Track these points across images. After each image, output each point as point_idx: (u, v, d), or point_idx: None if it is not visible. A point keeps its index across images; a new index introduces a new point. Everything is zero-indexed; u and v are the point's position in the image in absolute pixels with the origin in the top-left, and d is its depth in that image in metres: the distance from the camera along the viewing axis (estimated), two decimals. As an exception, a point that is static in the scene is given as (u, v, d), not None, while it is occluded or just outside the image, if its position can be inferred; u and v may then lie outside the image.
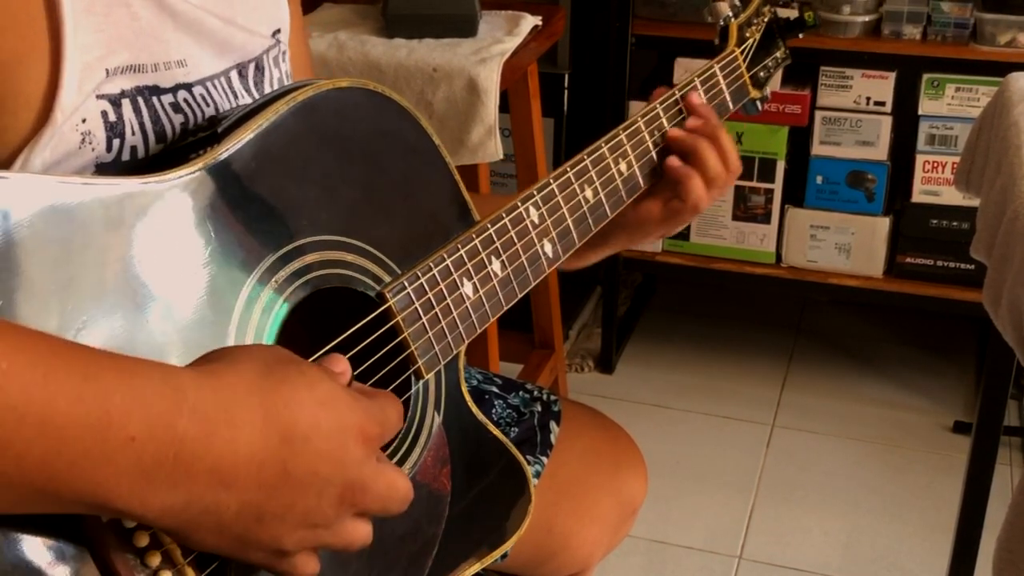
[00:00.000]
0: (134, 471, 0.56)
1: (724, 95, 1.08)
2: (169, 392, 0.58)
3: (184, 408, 0.57)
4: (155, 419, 0.56)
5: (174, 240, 0.66)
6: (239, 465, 0.59)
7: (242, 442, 0.59)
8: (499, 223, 0.84)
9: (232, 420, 0.59)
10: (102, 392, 0.55)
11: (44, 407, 0.54)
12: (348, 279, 0.75)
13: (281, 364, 0.63)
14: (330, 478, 0.63)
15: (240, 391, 0.60)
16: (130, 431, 0.55)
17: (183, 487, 0.58)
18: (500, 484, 0.88)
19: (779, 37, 1.17)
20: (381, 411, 0.67)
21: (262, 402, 0.60)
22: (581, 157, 0.93)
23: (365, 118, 0.77)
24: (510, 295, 0.85)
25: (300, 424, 0.61)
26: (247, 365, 0.62)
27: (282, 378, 0.62)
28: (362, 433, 0.65)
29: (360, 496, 0.65)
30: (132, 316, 0.63)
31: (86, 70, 0.68)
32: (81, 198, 0.62)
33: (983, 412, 1.54)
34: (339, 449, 0.63)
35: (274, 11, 0.88)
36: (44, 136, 0.66)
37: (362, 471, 0.64)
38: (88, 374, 0.55)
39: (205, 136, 0.72)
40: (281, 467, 0.61)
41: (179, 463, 0.57)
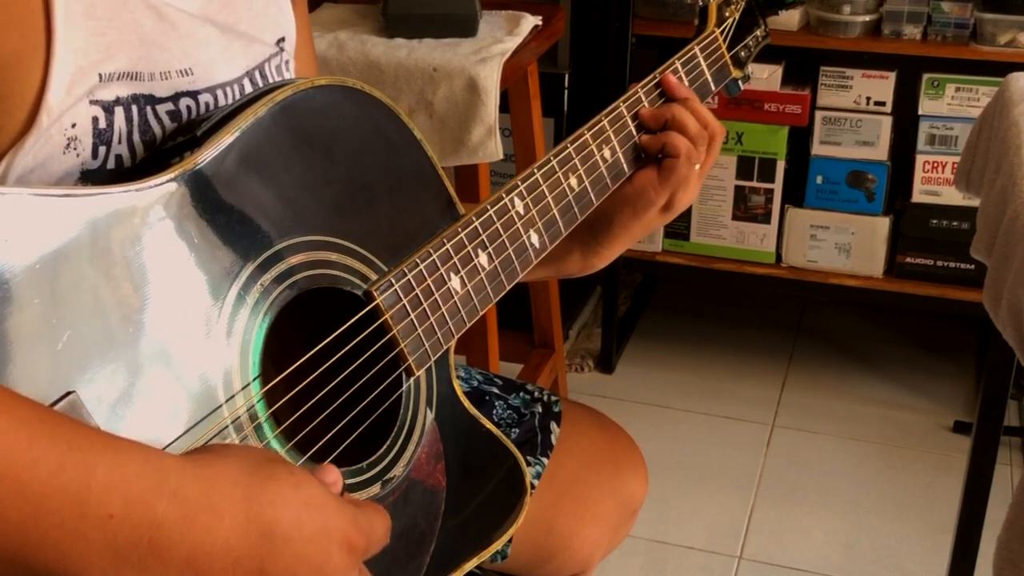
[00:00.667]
0: (107, 550, 0.54)
1: (705, 76, 1.08)
2: (152, 473, 0.56)
3: (165, 491, 0.56)
4: (135, 499, 0.55)
5: (157, 249, 0.65)
6: (215, 557, 0.57)
7: (220, 533, 0.57)
8: (484, 215, 0.84)
9: (213, 509, 0.57)
10: (85, 464, 0.54)
11: (25, 472, 0.52)
12: (334, 279, 0.75)
13: (270, 463, 0.62)
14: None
15: (225, 482, 0.59)
16: (109, 508, 0.54)
17: (155, 571, 0.56)
18: (496, 478, 0.88)
19: (759, 15, 1.17)
20: (368, 521, 0.65)
21: (246, 496, 0.59)
22: (564, 145, 0.93)
23: (345, 116, 0.77)
24: (498, 288, 0.85)
25: (282, 523, 0.59)
26: (235, 459, 0.61)
27: (269, 475, 0.60)
28: (346, 540, 0.63)
29: None
30: (117, 329, 0.62)
31: (78, 73, 0.67)
32: (60, 211, 0.61)
33: (983, 412, 1.54)
34: (321, 554, 0.61)
35: (278, 19, 0.88)
36: (29, 139, 0.65)
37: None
38: (73, 445, 0.54)
39: (185, 140, 0.71)
40: (258, 566, 0.59)
41: (154, 547, 0.55)
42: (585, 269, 1.03)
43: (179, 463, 0.58)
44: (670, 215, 1.01)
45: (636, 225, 1.00)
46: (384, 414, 0.79)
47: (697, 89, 1.06)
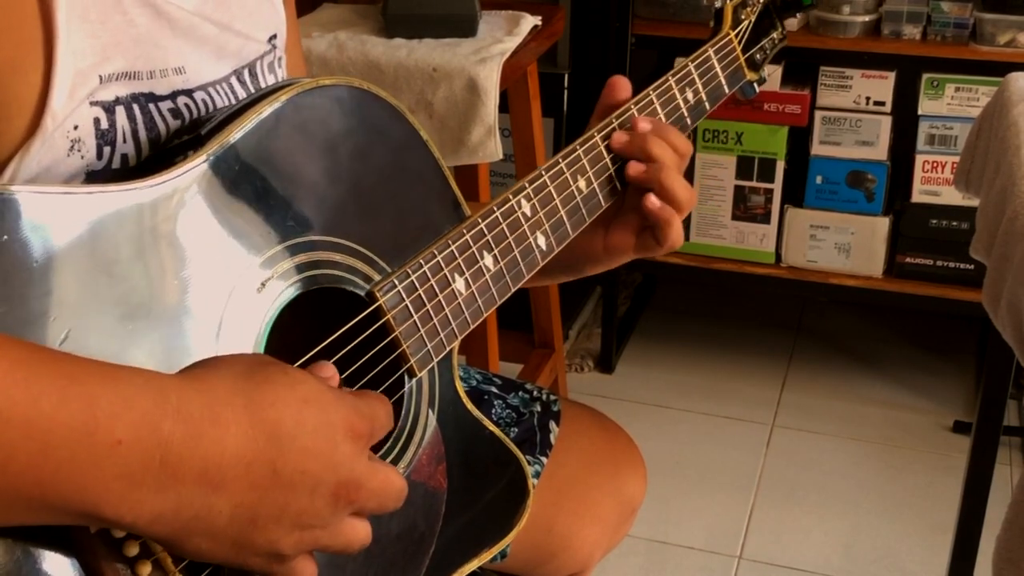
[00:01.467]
0: (121, 476, 0.55)
1: (719, 78, 1.07)
2: (153, 395, 0.57)
3: (168, 410, 0.57)
4: (140, 422, 0.56)
5: (157, 248, 0.65)
6: (226, 466, 0.58)
7: (228, 442, 0.58)
8: (490, 217, 0.84)
9: (217, 420, 0.58)
10: (87, 395, 0.55)
11: (28, 409, 0.53)
12: (337, 279, 0.75)
13: (263, 366, 0.63)
14: (321, 476, 0.62)
15: (223, 392, 0.60)
16: (116, 434, 0.55)
17: (172, 490, 0.57)
18: (497, 480, 0.88)
19: (776, 17, 1.16)
20: (369, 408, 0.66)
21: (246, 402, 0.60)
22: (573, 147, 0.92)
23: (350, 116, 0.76)
24: (503, 289, 0.85)
25: (285, 422, 0.61)
26: (229, 369, 0.62)
27: (264, 378, 0.61)
28: (350, 429, 0.64)
29: (355, 494, 0.64)
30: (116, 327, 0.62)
31: (79, 76, 0.67)
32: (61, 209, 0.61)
33: (983, 412, 1.54)
34: (327, 445, 0.62)
35: (271, 16, 0.88)
36: (35, 143, 0.66)
37: (354, 468, 0.64)
38: (72, 378, 0.55)
39: (189, 139, 0.71)
40: (270, 466, 0.60)
41: (166, 466, 0.56)
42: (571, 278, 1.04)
43: (177, 381, 0.59)
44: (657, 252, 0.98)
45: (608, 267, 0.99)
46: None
47: (710, 92, 1.05)
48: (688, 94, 1.02)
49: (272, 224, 0.71)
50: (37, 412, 0.53)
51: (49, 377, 0.54)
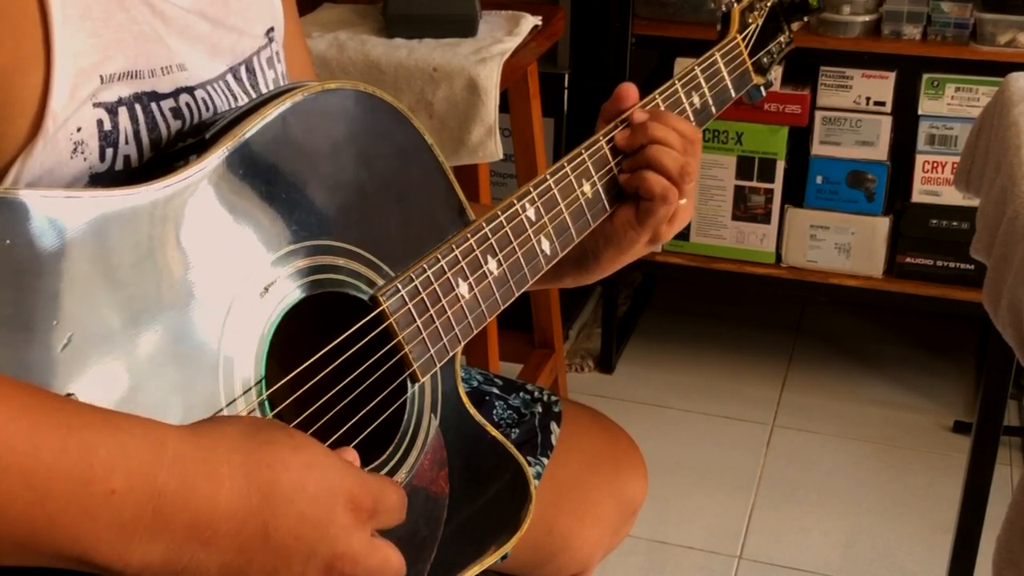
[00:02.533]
0: (113, 525, 0.55)
1: (725, 82, 1.07)
2: (151, 445, 0.57)
3: (164, 461, 0.57)
4: (136, 472, 0.56)
5: (161, 252, 0.65)
6: (218, 522, 0.58)
7: (222, 498, 0.58)
8: (494, 221, 0.84)
9: (212, 475, 0.58)
10: (86, 445, 0.55)
11: (28, 459, 0.53)
12: (341, 284, 0.75)
13: (268, 428, 0.62)
14: (315, 546, 0.61)
15: (223, 448, 0.59)
16: (112, 484, 0.55)
17: (162, 541, 0.56)
18: (500, 485, 0.88)
19: (783, 21, 1.16)
20: (378, 485, 0.65)
21: (245, 460, 0.59)
22: (579, 152, 0.92)
23: (355, 120, 0.76)
24: (507, 294, 0.85)
25: (283, 484, 0.60)
26: (233, 426, 0.61)
27: (268, 439, 0.61)
28: (352, 501, 0.63)
29: (350, 569, 0.62)
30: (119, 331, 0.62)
31: (80, 76, 0.67)
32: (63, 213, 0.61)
33: (983, 412, 1.54)
34: (326, 515, 0.61)
35: (267, 9, 0.87)
36: (37, 145, 0.65)
37: (350, 542, 0.62)
38: (73, 426, 0.55)
39: (193, 143, 0.71)
40: (262, 529, 0.59)
41: (158, 516, 0.56)
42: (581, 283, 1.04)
43: (177, 433, 0.59)
44: (658, 244, 0.99)
45: (623, 258, 0.99)
46: (388, 419, 0.78)
47: (716, 96, 1.05)
48: (694, 98, 1.02)
49: (276, 228, 0.71)
50: (37, 462, 0.53)
51: (50, 426, 0.54)
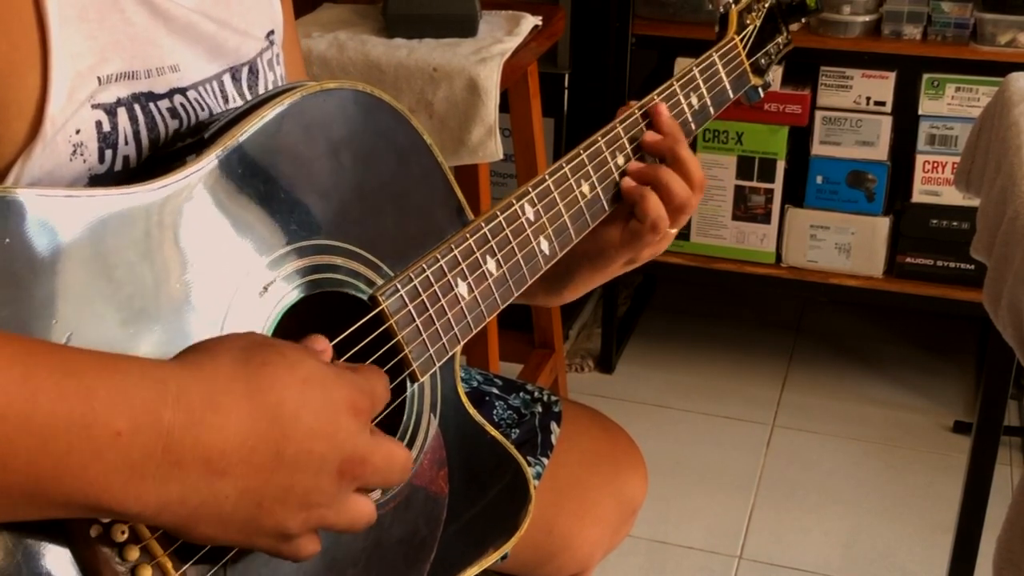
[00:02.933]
0: (123, 466, 0.55)
1: (724, 83, 1.07)
2: (151, 384, 0.57)
3: (168, 399, 0.57)
4: (140, 412, 0.56)
5: (159, 253, 0.65)
6: (230, 451, 0.58)
7: (230, 428, 0.58)
8: (494, 221, 0.84)
9: (217, 406, 0.58)
10: (84, 388, 0.55)
11: (25, 405, 0.53)
12: (340, 283, 0.75)
13: (260, 347, 0.63)
14: (326, 455, 0.62)
15: (222, 378, 0.60)
16: (116, 426, 0.55)
17: (176, 479, 0.57)
18: (499, 485, 0.88)
19: (781, 22, 1.16)
20: (368, 383, 0.66)
21: (246, 387, 0.60)
22: (577, 152, 0.92)
23: (354, 120, 0.76)
24: (506, 294, 0.85)
25: (287, 404, 0.61)
26: (226, 353, 0.61)
27: (263, 361, 0.61)
28: (352, 406, 0.64)
29: (359, 469, 0.64)
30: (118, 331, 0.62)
31: (77, 78, 0.67)
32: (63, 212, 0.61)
33: (983, 412, 1.54)
34: (331, 424, 0.62)
35: (268, 12, 0.87)
36: (36, 148, 0.65)
37: (357, 444, 0.64)
38: (68, 371, 0.55)
39: (192, 142, 0.71)
40: (274, 448, 0.60)
41: (169, 454, 0.56)
42: (549, 304, 1.04)
43: (175, 370, 0.59)
44: (634, 266, 0.99)
45: (596, 277, 0.99)
46: (387, 419, 0.78)
47: (714, 97, 1.05)
48: (693, 99, 1.02)
49: (275, 228, 0.71)
50: (35, 407, 0.53)
51: (46, 371, 0.54)
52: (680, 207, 0.94)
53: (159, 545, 0.62)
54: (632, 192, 0.94)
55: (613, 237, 0.96)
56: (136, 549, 0.61)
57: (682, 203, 0.93)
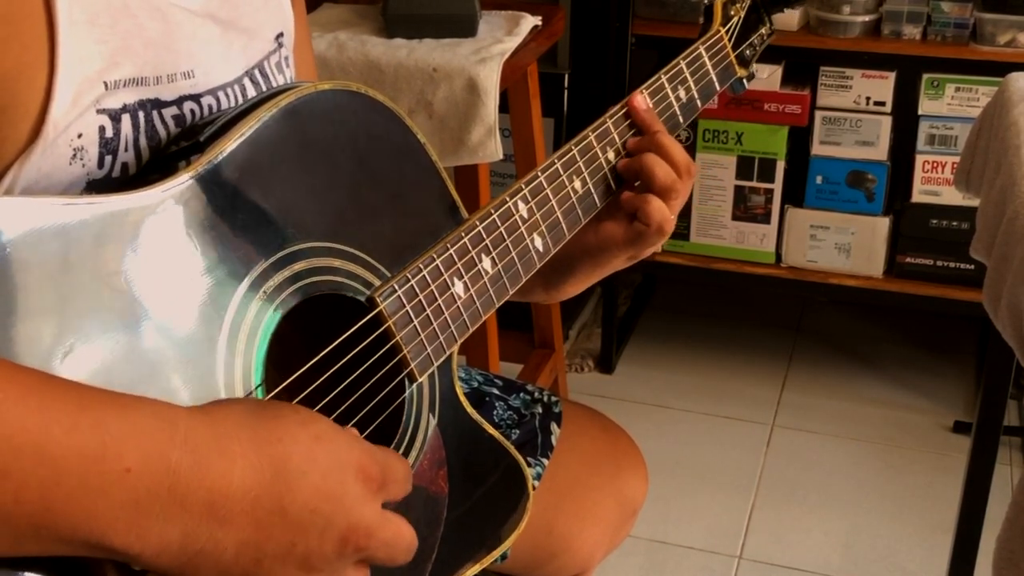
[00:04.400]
0: (129, 503, 0.55)
1: (710, 75, 1.07)
2: (162, 424, 0.57)
3: (177, 440, 0.57)
4: (149, 450, 0.56)
5: (158, 256, 0.65)
6: (233, 499, 0.58)
7: (235, 475, 0.58)
8: (488, 220, 0.84)
9: (224, 453, 0.58)
10: (97, 422, 0.55)
11: (40, 436, 0.53)
12: (338, 285, 0.75)
13: (274, 404, 0.63)
14: (331, 518, 0.61)
15: (231, 425, 0.59)
16: (125, 462, 0.55)
17: (178, 521, 0.56)
18: (498, 483, 0.88)
19: (764, 12, 1.17)
20: (384, 456, 0.66)
21: (254, 435, 0.59)
22: (569, 148, 0.92)
23: (349, 120, 0.76)
24: (501, 292, 0.85)
25: (294, 458, 0.60)
26: (239, 404, 0.62)
27: (274, 415, 0.61)
28: (362, 471, 0.63)
29: (364, 540, 0.63)
30: (121, 336, 0.62)
31: (84, 83, 0.66)
32: (63, 219, 0.61)
33: (983, 412, 1.54)
34: (338, 487, 0.61)
35: (277, 14, 0.87)
36: (36, 151, 0.65)
37: (364, 513, 0.63)
38: (82, 404, 0.55)
39: (188, 145, 0.71)
40: (277, 503, 0.59)
41: (173, 495, 0.56)
42: (548, 300, 1.04)
43: (186, 412, 0.59)
44: (634, 262, 0.99)
45: (597, 272, 1.00)
46: (387, 420, 0.78)
47: (701, 90, 1.05)
48: (680, 92, 1.03)
49: (271, 231, 0.71)
50: (49, 439, 0.53)
51: (60, 404, 0.54)
52: (665, 191, 0.94)
53: None
54: (633, 200, 0.95)
55: (616, 234, 0.96)
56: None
57: (667, 187, 0.94)
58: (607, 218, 0.96)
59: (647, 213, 0.94)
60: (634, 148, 0.96)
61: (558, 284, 1.01)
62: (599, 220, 0.96)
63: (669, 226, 0.94)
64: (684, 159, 0.95)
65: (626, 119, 0.97)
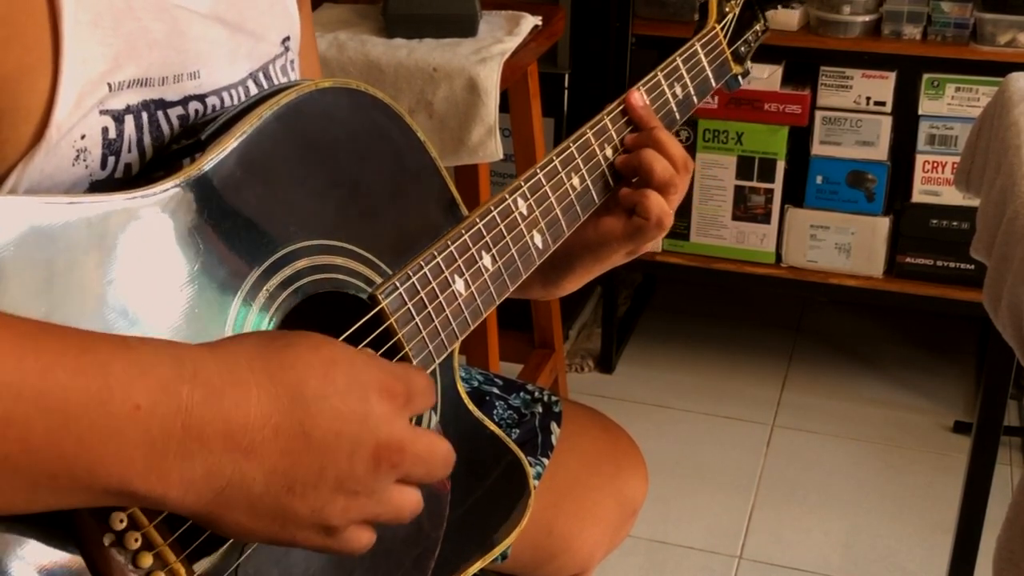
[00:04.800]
0: (143, 442, 0.54)
1: (706, 72, 1.08)
2: (167, 360, 0.56)
3: (185, 375, 0.56)
4: (157, 386, 0.55)
5: (162, 254, 0.65)
6: (252, 428, 0.57)
7: (251, 403, 0.57)
8: (488, 217, 0.84)
9: (237, 383, 0.57)
10: (100, 363, 0.54)
11: (41, 380, 0.52)
12: (340, 283, 0.75)
13: (284, 334, 0.62)
14: (358, 437, 0.60)
15: (242, 356, 0.58)
16: (134, 399, 0.54)
17: (199, 456, 0.55)
18: (499, 481, 0.88)
19: (758, 9, 1.17)
20: (405, 372, 0.64)
21: (266, 365, 0.58)
22: (567, 145, 0.93)
23: (349, 119, 0.77)
24: (501, 289, 0.85)
25: (310, 382, 0.59)
26: (247, 337, 0.61)
27: (286, 343, 0.60)
28: (385, 389, 0.62)
29: (397, 456, 0.61)
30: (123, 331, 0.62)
31: (88, 85, 0.66)
32: (65, 218, 0.61)
33: (983, 412, 1.54)
34: (361, 405, 0.60)
35: (284, 18, 0.87)
36: (39, 153, 0.65)
37: (393, 429, 0.61)
38: (83, 347, 0.54)
39: (189, 144, 0.71)
40: (299, 429, 0.58)
41: (188, 430, 0.55)
42: (547, 297, 1.04)
43: (193, 348, 0.58)
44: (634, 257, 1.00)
45: (596, 267, 1.00)
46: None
47: (698, 86, 1.06)
48: (677, 89, 1.03)
49: (273, 229, 0.71)
50: (52, 383, 0.52)
51: (60, 347, 0.53)
52: (663, 185, 0.94)
53: (171, 551, 0.61)
54: (632, 195, 0.95)
55: (615, 229, 0.97)
56: (149, 556, 0.60)
57: (665, 182, 0.94)
58: (606, 214, 0.97)
59: (646, 207, 0.94)
60: (632, 144, 0.97)
61: (557, 280, 1.01)
62: (598, 216, 0.96)
63: (668, 220, 0.95)
64: (681, 154, 0.96)
65: (623, 116, 0.98)
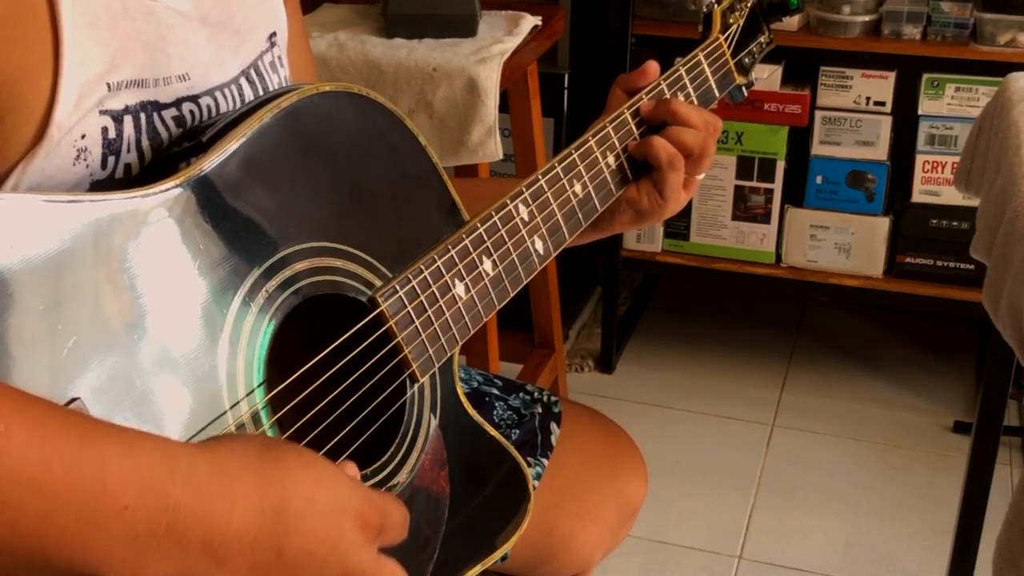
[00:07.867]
0: (125, 540, 0.55)
1: (710, 83, 1.08)
2: (163, 461, 0.57)
3: (177, 477, 0.57)
4: (148, 487, 0.56)
5: (162, 254, 0.65)
6: (231, 539, 0.58)
7: (236, 515, 0.58)
8: (489, 222, 0.84)
9: (226, 492, 0.58)
10: (98, 458, 0.55)
11: (40, 470, 0.53)
12: (339, 285, 0.75)
13: (278, 445, 0.63)
14: (327, 561, 0.61)
15: (235, 464, 0.60)
16: (123, 499, 0.55)
17: (176, 558, 0.56)
18: (499, 484, 0.88)
19: (763, 21, 1.17)
20: (383, 502, 0.66)
21: (257, 477, 0.60)
22: (569, 152, 0.93)
23: (350, 122, 0.77)
24: (502, 294, 0.85)
25: (295, 499, 0.60)
26: (243, 443, 0.62)
27: (279, 456, 0.61)
28: (361, 517, 0.63)
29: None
30: (121, 335, 0.63)
31: (86, 85, 0.67)
32: (66, 216, 0.61)
33: (983, 412, 1.54)
34: (336, 531, 0.62)
35: (269, 14, 0.87)
36: (40, 152, 0.65)
37: (359, 558, 0.63)
38: (85, 440, 0.55)
39: (190, 146, 0.71)
40: (275, 544, 0.59)
41: (171, 532, 0.56)
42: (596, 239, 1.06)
43: (189, 450, 0.59)
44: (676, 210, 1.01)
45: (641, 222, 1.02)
46: (388, 421, 0.78)
47: (701, 96, 1.06)
48: (680, 98, 1.03)
49: (273, 231, 0.71)
50: (49, 474, 0.53)
51: (62, 438, 0.54)
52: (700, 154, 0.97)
53: None
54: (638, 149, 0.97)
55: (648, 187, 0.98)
56: None
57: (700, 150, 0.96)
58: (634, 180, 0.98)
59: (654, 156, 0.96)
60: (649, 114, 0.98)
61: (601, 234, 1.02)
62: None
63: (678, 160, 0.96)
64: (701, 118, 0.98)
65: (626, 124, 0.97)
